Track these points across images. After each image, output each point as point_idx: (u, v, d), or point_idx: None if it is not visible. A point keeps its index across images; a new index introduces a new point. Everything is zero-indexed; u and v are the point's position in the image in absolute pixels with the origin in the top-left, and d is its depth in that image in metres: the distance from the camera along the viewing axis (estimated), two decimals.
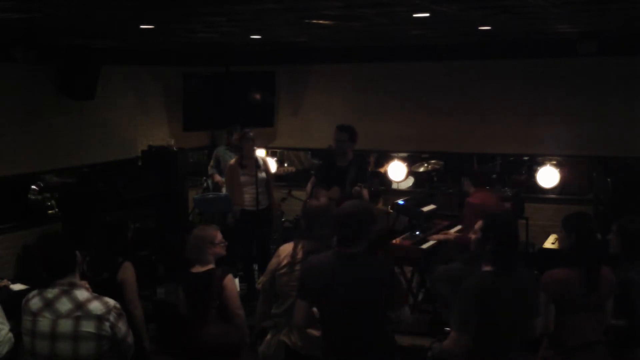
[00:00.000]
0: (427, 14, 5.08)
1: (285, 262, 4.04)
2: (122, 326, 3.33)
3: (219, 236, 4.55)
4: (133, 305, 4.48)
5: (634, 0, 4.59)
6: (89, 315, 3.24)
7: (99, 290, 4.39)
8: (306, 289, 3.54)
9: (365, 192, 6.37)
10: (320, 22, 5.61)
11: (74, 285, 3.31)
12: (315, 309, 3.54)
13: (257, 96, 9.16)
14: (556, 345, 3.83)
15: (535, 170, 8.23)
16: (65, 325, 3.23)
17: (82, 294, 3.30)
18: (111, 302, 3.33)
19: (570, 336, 3.76)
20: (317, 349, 3.86)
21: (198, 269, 4.43)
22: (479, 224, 3.59)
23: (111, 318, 3.27)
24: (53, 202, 7.77)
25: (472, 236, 3.67)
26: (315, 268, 3.52)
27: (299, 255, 4.00)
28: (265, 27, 6.18)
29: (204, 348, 4.36)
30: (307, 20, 5.56)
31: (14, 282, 6.33)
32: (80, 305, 3.25)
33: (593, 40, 7.01)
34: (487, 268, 3.50)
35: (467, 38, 7.63)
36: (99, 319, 3.24)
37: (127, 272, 4.49)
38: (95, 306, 3.26)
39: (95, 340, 3.24)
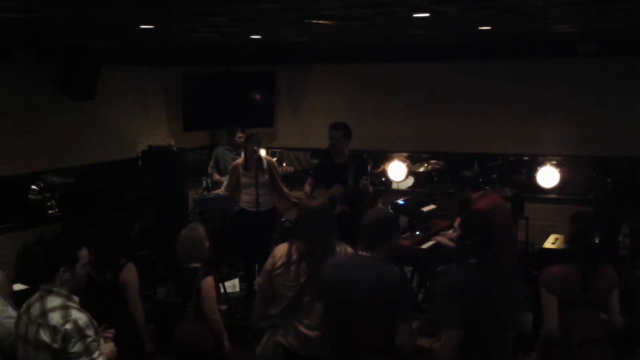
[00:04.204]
0: (427, 14, 5.08)
1: (280, 262, 4.00)
2: (80, 344, 3.11)
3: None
4: (134, 307, 4.47)
5: (634, 0, 4.59)
6: (47, 325, 3.11)
7: (100, 290, 4.38)
8: (323, 288, 3.62)
9: (370, 187, 6.36)
10: (320, 22, 5.60)
11: (50, 292, 3.19)
12: None
13: (257, 96, 9.16)
14: (560, 342, 3.84)
15: (535, 170, 8.22)
16: (31, 331, 3.16)
17: (53, 301, 3.17)
18: (75, 315, 3.13)
19: (572, 333, 3.79)
20: (314, 349, 3.86)
21: (186, 264, 4.51)
22: (457, 221, 3.66)
23: (68, 332, 3.08)
24: (53, 202, 7.76)
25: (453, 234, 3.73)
26: (333, 267, 3.59)
27: (295, 256, 3.96)
28: (265, 27, 6.17)
29: (177, 344, 4.39)
30: (307, 20, 5.56)
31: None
32: (44, 313, 3.14)
33: (593, 40, 6.99)
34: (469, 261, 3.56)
35: (467, 38, 7.62)
36: (54, 330, 3.09)
37: (130, 273, 4.48)
38: (54, 316, 3.12)
39: (49, 351, 3.10)
